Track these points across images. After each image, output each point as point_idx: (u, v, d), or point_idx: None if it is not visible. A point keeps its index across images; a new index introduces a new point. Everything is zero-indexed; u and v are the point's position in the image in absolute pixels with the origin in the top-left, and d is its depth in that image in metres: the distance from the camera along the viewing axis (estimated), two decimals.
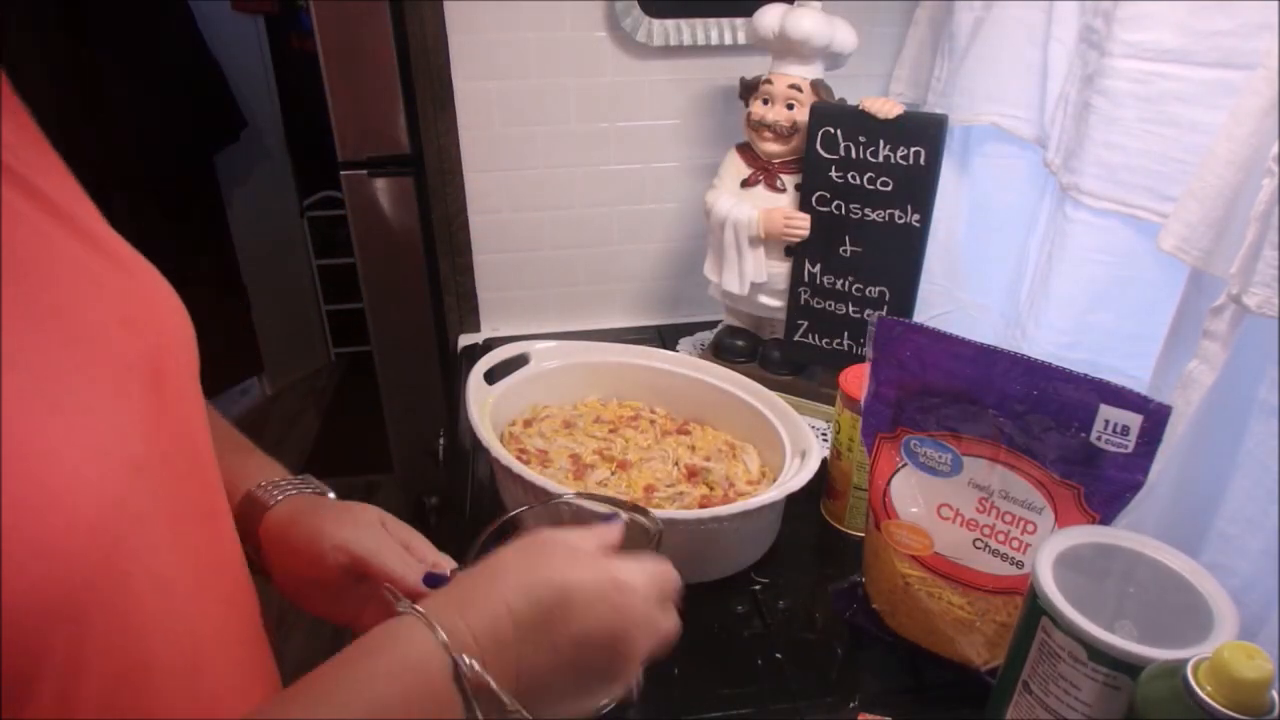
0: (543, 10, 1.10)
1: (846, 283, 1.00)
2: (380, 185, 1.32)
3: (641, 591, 0.47)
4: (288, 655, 1.96)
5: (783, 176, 1.01)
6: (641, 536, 0.56)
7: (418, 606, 0.42)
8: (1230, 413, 0.64)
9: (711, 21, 1.12)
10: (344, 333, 2.99)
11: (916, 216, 0.94)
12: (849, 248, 0.99)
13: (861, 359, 0.75)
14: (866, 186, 0.95)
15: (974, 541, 0.66)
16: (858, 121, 0.93)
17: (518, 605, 0.43)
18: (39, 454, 0.32)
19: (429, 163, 1.18)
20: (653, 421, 0.95)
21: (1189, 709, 0.44)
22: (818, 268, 1.01)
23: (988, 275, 1.05)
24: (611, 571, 0.46)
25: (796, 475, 0.78)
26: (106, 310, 0.40)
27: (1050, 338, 0.87)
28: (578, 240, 1.26)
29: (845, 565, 0.81)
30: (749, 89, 1.01)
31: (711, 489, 0.85)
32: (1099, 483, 0.60)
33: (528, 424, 0.93)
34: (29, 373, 0.33)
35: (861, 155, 0.94)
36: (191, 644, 0.41)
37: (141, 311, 0.43)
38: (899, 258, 0.96)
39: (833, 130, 0.95)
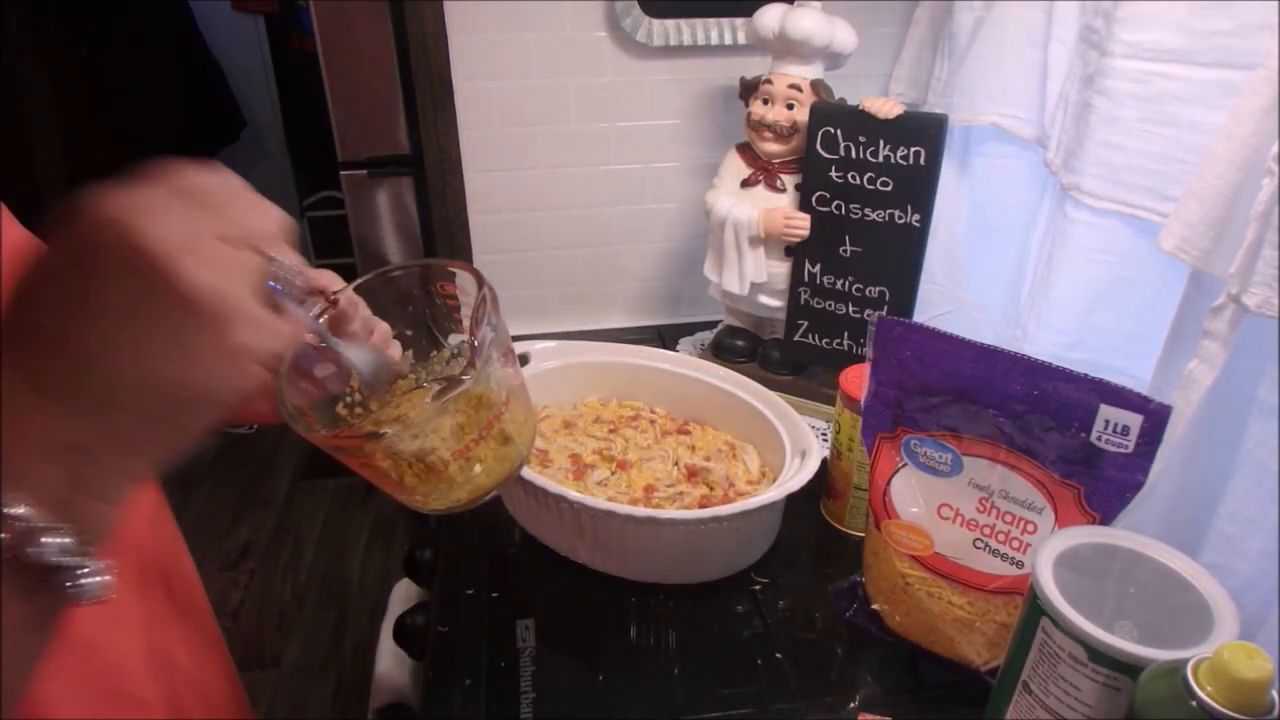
0: (543, 10, 1.10)
1: (846, 283, 1.00)
2: (380, 185, 1.32)
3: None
4: (287, 656, 1.96)
5: (783, 176, 1.01)
6: None
7: None
8: (1230, 413, 0.64)
9: (711, 21, 1.12)
10: None
11: (916, 216, 0.94)
12: (849, 248, 0.99)
13: (861, 359, 0.74)
14: (866, 186, 0.95)
15: (974, 541, 0.66)
16: (858, 121, 0.93)
17: None
18: None
19: (429, 163, 1.18)
20: (653, 421, 0.95)
21: (1189, 709, 0.44)
22: (818, 268, 1.01)
23: (988, 275, 1.05)
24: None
25: (796, 475, 0.78)
26: None
27: (1051, 338, 0.87)
28: (578, 240, 1.26)
29: (845, 565, 0.81)
30: (749, 89, 1.01)
31: (711, 489, 0.85)
32: (1099, 483, 0.60)
33: None
34: None
35: (861, 155, 0.94)
36: None
37: None
38: (899, 258, 0.96)
39: (833, 130, 0.95)
